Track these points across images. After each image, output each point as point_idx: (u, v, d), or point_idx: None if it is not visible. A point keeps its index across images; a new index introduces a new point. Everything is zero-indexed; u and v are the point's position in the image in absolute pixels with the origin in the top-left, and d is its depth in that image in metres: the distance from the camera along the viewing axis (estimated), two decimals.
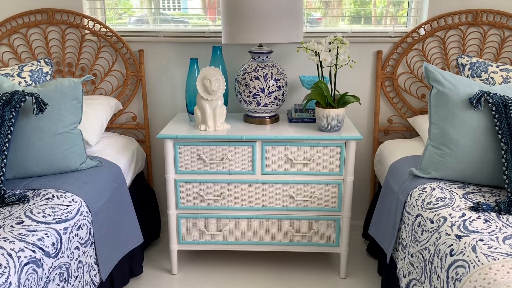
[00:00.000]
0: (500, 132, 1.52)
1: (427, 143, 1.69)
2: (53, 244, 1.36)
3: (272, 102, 2.02)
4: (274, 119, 2.10)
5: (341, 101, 1.88)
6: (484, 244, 1.20)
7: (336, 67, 1.84)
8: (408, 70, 2.24)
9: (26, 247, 1.27)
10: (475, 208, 1.40)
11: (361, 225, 2.46)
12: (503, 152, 1.50)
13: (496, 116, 1.53)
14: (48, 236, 1.36)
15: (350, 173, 1.92)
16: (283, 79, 2.03)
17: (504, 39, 2.15)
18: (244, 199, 1.98)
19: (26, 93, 1.63)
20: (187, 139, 1.91)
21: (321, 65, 1.88)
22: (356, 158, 2.38)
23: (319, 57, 1.83)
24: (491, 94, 1.55)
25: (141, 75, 2.28)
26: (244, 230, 2.01)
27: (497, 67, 1.88)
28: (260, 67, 2.00)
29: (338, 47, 1.80)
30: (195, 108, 1.99)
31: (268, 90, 1.99)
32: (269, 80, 1.98)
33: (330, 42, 1.87)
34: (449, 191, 1.55)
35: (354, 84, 2.27)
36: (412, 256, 1.52)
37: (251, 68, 2.00)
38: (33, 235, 1.33)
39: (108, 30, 2.22)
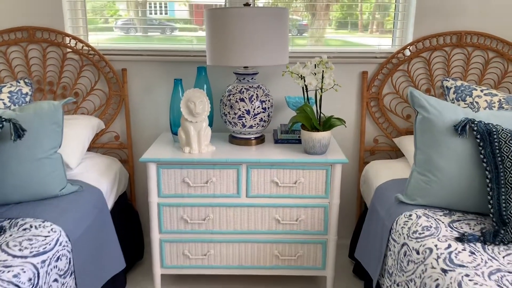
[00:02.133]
0: (485, 160, 1.52)
1: (413, 168, 1.68)
2: (30, 279, 1.31)
3: (257, 123, 1.99)
4: (260, 140, 2.07)
5: (327, 124, 1.87)
6: (469, 280, 1.19)
7: (321, 91, 1.83)
8: (394, 91, 2.24)
9: (1, 285, 1.22)
10: (461, 239, 1.40)
11: (348, 245, 2.45)
12: (488, 180, 1.50)
13: (481, 144, 1.53)
14: (24, 272, 1.31)
15: (336, 196, 1.91)
16: (269, 101, 2.01)
17: (488, 60, 2.16)
18: (229, 222, 1.95)
19: (3, 119, 1.58)
20: (171, 162, 1.88)
21: (306, 89, 1.86)
22: (342, 177, 2.37)
23: (305, 81, 1.81)
24: (475, 122, 1.55)
25: (124, 94, 2.24)
26: (229, 254, 1.98)
27: (482, 91, 1.89)
28: (245, 88, 1.97)
29: (323, 71, 1.78)
30: (179, 130, 1.95)
31: (253, 112, 1.96)
32: (255, 102, 1.96)
33: (315, 65, 1.86)
34: (435, 219, 1.54)
35: (339, 104, 2.27)
36: (398, 285, 1.51)
37: (236, 90, 1.98)
38: (8, 271, 1.28)
39: (90, 48, 2.18)
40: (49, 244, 1.46)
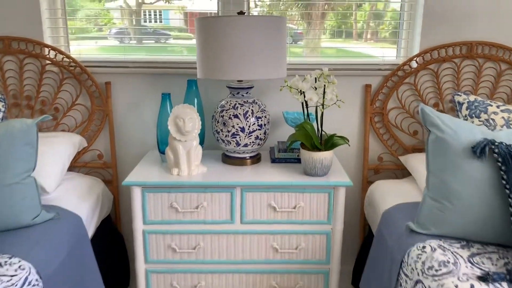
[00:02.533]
0: (507, 186, 1.35)
1: (425, 193, 1.52)
2: None
3: (253, 142, 1.83)
4: (256, 159, 1.90)
5: (329, 143, 1.70)
6: None
7: (323, 107, 1.66)
8: (399, 105, 2.08)
9: None
10: (485, 278, 1.23)
11: (350, 271, 2.27)
12: (511, 209, 1.34)
13: (503, 168, 1.37)
14: None
15: (339, 221, 1.74)
16: (265, 117, 1.84)
17: (500, 72, 2.01)
18: (221, 251, 1.77)
19: None
20: (157, 186, 1.70)
21: (306, 105, 1.70)
22: (345, 197, 2.19)
23: (304, 96, 1.65)
24: (496, 143, 1.39)
25: (108, 109, 2.06)
26: (222, 286, 1.80)
27: (498, 107, 1.73)
28: (239, 104, 1.81)
29: (325, 86, 1.62)
30: (166, 149, 1.78)
31: (248, 129, 1.80)
32: (250, 118, 1.79)
33: (316, 79, 1.70)
34: (452, 253, 1.37)
35: (341, 119, 2.10)
36: None
37: (229, 105, 1.81)
38: None
39: (71, 60, 2.01)
40: (16, 286, 1.28)
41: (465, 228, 1.44)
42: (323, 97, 1.64)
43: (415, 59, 2.02)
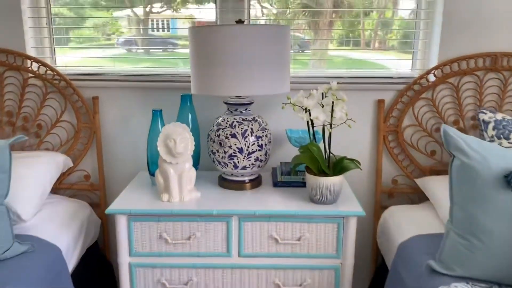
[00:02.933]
0: None
1: (448, 227, 1.32)
2: None
3: (252, 164, 1.64)
4: (256, 182, 1.72)
5: (338, 167, 1.51)
6: None
7: (330, 127, 1.48)
8: (416, 123, 1.88)
9: None
10: None
11: None
12: None
13: None
14: None
15: (350, 255, 1.54)
16: (266, 136, 1.65)
17: None
18: (217, 287, 1.57)
19: None
20: (145, 214, 1.52)
21: (312, 124, 1.51)
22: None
23: (310, 115, 1.47)
24: None
25: (95, 126, 1.89)
26: None
27: None
28: (237, 121, 1.62)
29: (333, 103, 1.44)
30: (156, 172, 1.60)
31: (247, 150, 1.61)
32: (249, 138, 1.61)
33: (323, 94, 1.51)
34: None
35: (351, 138, 1.91)
36: None
37: (226, 123, 1.63)
38: None
39: (55, 73, 1.84)
40: None
41: (496, 270, 1.24)
42: (331, 116, 1.46)
43: (433, 72, 1.83)
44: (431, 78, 1.84)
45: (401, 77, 1.89)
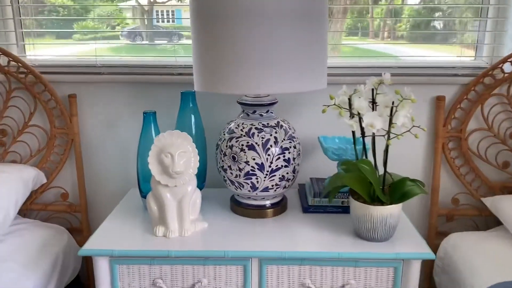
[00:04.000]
0: None
1: None
2: None
3: (276, 185, 1.23)
4: (280, 207, 1.31)
5: (398, 192, 1.09)
6: None
7: (388, 137, 1.06)
8: (485, 126, 1.46)
9: None
10: None
11: None
12: None
13: None
14: None
15: None
16: (295, 147, 1.24)
17: None
18: None
19: None
20: (132, 256, 1.12)
21: (362, 133, 1.10)
22: None
23: (361, 122, 1.05)
24: None
25: (73, 132, 1.48)
26: None
27: None
28: (257, 128, 1.21)
29: (393, 105, 1.01)
30: (148, 197, 1.20)
31: (270, 166, 1.20)
32: (272, 150, 1.20)
33: (373, 91, 1.09)
34: None
35: (399, 146, 1.48)
36: None
37: (242, 130, 1.22)
38: None
39: (20, 65, 1.43)
40: None
41: None
42: (391, 123, 1.04)
43: (509, 60, 1.40)
44: (508, 68, 1.41)
45: (466, 67, 1.46)
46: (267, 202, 1.29)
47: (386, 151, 1.09)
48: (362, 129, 1.08)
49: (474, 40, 1.52)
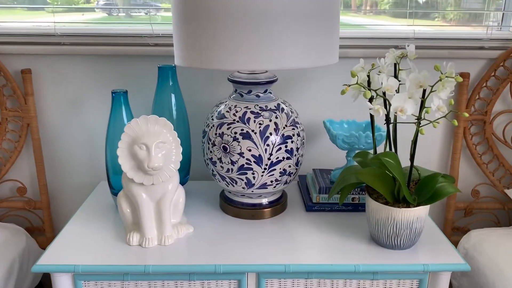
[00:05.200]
0: None
1: None
2: None
3: (277, 180, 1.02)
4: (279, 206, 1.10)
5: (426, 190, 0.89)
6: None
7: (418, 124, 0.85)
8: None
9: None
10: None
11: None
12: None
13: None
14: None
15: None
16: (299, 135, 1.02)
17: None
18: None
19: None
20: (100, 272, 0.90)
21: (387, 119, 0.88)
22: None
23: (389, 106, 0.83)
24: None
25: (29, 115, 1.23)
26: None
27: None
28: (253, 112, 0.99)
29: (430, 86, 0.80)
30: (119, 198, 0.97)
31: (269, 159, 0.98)
32: (272, 139, 0.98)
33: (396, 66, 0.88)
34: None
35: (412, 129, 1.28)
36: None
37: (235, 115, 0.99)
38: None
39: None
40: None
41: None
42: (423, 107, 0.82)
43: None
44: None
45: (495, 38, 1.25)
46: (264, 200, 1.08)
47: (414, 141, 0.88)
48: (387, 115, 0.87)
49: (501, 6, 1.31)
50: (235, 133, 0.97)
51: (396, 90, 0.86)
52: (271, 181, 1.01)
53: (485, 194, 1.34)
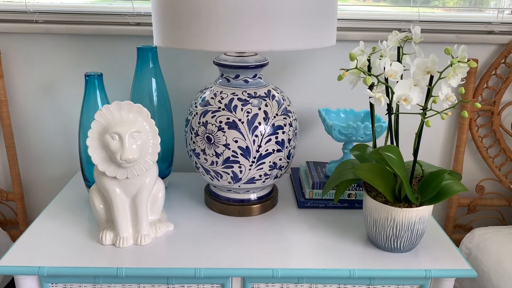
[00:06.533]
0: None
1: None
2: None
3: (266, 174, 0.92)
4: (269, 202, 1.01)
5: (430, 188, 0.80)
6: None
7: (423, 115, 0.75)
8: None
9: None
10: None
11: None
12: None
13: None
14: None
15: None
16: (291, 125, 0.93)
17: None
18: None
19: None
20: (69, 275, 0.81)
21: (389, 109, 0.79)
22: None
23: (390, 93, 0.74)
24: None
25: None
26: None
27: None
28: (240, 99, 0.89)
29: (439, 72, 0.71)
30: (91, 193, 0.88)
31: (258, 151, 0.89)
32: (261, 129, 0.89)
33: (399, 50, 0.79)
34: None
35: (413, 119, 1.19)
36: None
37: (220, 102, 0.90)
38: None
39: None
40: None
41: None
42: (428, 95, 0.73)
43: None
44: None
45: (506, 22, 1.15)
46: (253, 196, 0.99)
47: (419, 134, 0.79)
48: (389, 104, 0.77)
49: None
50: (220, 122, 0.88)
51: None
52: (260, 176, 0.92)
53: (490, 190, 1.25)
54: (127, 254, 0.84)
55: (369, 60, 0.80)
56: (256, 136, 0.88)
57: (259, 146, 0.89)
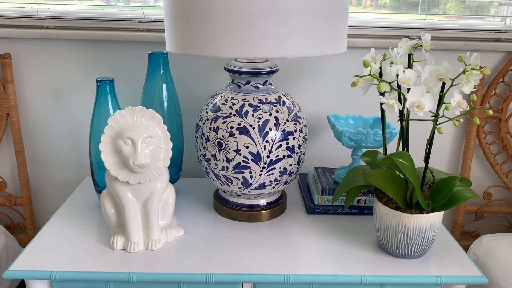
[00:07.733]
0: None
1: None
2: None
3: (276, 180, 0.93)
4: (278, 208, 1.01)
5: (441, 195, 0.80)
6: None
7: (435, 121, 0.76)
8: None
9: None
10: None
11: None
12: None
13: None
14: None
15: None
16: (301, 131, 0.94)
17: None
18: None
19: None
20: (79, 279, 0.81)
21: (401, 116, 0.80)
22: None
23: (403, 100, 0.74)
24: None
25: (9, 104, 1.14)
26: None
27: None
28: (251, 105, 0.90)
29: (451, 79, 0.71)
30: (102, 197, 0.88)
31: (268, 157, 0.90)
32: (272, 135, 0.89)
33: (409, 57, 0.79)
34: None
35: (420, 126, 1.19)
36: None
37: (231, 107, 0.90)
38: None
39: None
40: None
41: None
42: (441, 101, 0.74)
43: None
44: None
45: (510, 30, 1.16)
46: (262, 201, 0.99)
47: (430, 141, 0.79)
48: (401, 111, 0.78)
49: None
50: (231, 127, 0.88)
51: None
52: (270, 181, 0.93)
53: (497, 196, 1.26)
54: (138, 259, 0.85)
55: (380, 67, 0.81)
56: (267, 141, 0.89)
57: (270, 151, 0.89)
